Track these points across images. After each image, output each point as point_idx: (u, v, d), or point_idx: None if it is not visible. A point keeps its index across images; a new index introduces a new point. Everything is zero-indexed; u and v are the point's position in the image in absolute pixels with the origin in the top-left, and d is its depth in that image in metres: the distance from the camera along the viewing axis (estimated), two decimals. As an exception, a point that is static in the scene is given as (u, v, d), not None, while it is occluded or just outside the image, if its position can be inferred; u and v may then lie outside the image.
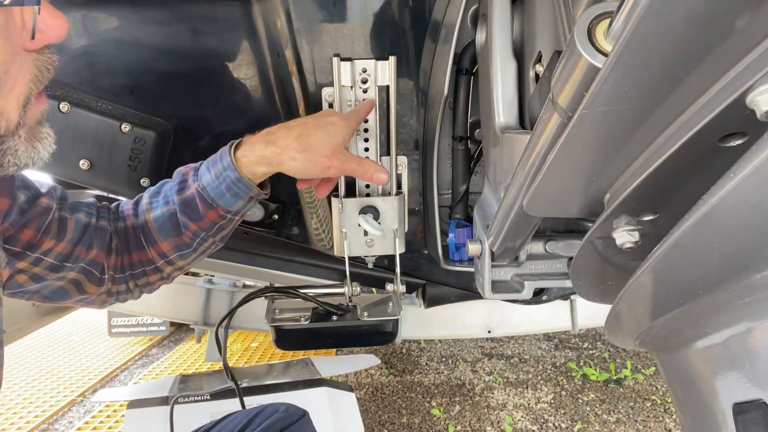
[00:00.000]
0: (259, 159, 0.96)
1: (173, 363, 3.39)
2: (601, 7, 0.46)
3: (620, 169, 0.56)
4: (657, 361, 0.69)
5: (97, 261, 1.00)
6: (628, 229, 0.55)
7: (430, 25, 1.15)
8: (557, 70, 0.51)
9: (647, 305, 0.60)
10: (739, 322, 0.51)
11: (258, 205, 1.38)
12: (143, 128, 1.20)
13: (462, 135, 1.21)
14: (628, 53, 0.40)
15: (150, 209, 1.03)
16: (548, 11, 0.82)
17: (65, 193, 1.01)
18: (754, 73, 0.37)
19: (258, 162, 0.97)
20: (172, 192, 1.01)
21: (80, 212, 1.00)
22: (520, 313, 2.38)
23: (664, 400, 2.87)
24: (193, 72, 1.20)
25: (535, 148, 0.64)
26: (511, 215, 0.83)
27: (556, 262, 1.12)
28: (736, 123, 0.41)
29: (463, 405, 2.88)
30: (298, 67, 1.19)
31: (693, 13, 0.36)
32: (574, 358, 3.28)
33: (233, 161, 0.96)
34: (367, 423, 2.70)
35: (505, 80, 0.91)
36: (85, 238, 0.98)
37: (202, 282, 2.53)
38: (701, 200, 0.43)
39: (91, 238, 0.99)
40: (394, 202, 1.24)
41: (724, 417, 0.53)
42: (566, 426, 2.71)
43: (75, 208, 1.00)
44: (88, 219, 1.00)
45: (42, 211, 0.92)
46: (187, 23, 1.15)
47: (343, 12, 1.14)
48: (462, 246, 1.28)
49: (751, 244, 0.45)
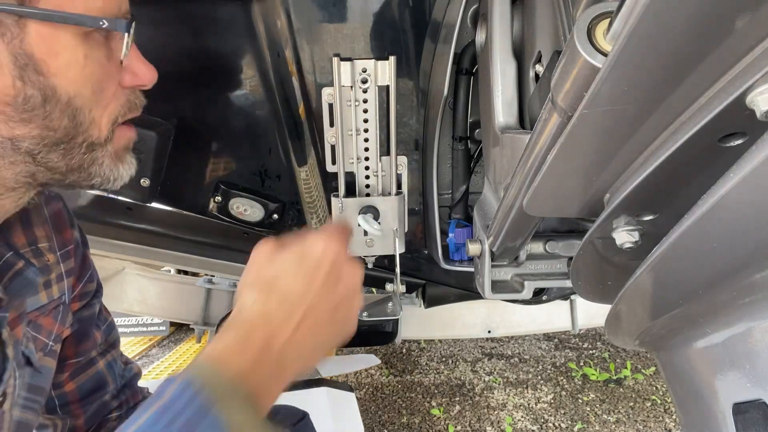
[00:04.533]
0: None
1: (173, 363, 3.39)
2: (600, 7, 0.46)
3: (620, 169, 0.56)
4: (657, 361, 0.69)
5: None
6: (628, 229, 0.55)
7: (430, 25, 1.15)
8: (557, 70, 0.51)
9: (647, 305, 0.60)
10: (739, 322, 0.51)
11: (258, 205, 1.39)
12: (143, 128, 1.20)
13: (462, 135, 1.21)
14: (627, 53, 0.40)
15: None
16: (548, 11, 0.82)
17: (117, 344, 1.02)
18: (754, 73, 0.37)
19: None
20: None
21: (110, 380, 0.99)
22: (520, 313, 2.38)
23: (664, 400, 2.87)
24: (193, 72, 1.20)
25: (535, 148, 0.64)
26: (511, 215, 0.83)
27: (556, 262, 1.12)
28: (736, 123, 0.41)
29: (463, 405, 2.88)
30: (298, 67, 1.19)
31: (693, 13, 0.36)
32: (574, 358, 3.28)
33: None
34: (367, 423, 2.70)
35: (505, 80, 0.91)
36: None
37: (202, 282, 2.54)
38: (701, 200, 0.43)
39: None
40: (394, 202, 1.24)
41: (723, 417, 0.53)
42: (566, 426, 2.71)
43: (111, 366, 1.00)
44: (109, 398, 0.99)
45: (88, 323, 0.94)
46: (187, 23, 1.15)
47: (343, 12, 1.14)
48: (462, 246, 1.28)
49: (751, 243, 0.45)
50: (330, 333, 0.68)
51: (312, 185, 1.39)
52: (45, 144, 0.65)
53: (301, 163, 1.36)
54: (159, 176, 1.26)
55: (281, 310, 0.63)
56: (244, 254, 0.76)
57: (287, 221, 1.45)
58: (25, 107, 0.62)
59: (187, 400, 0.52)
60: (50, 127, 0.64)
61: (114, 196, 1.34)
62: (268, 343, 0.61)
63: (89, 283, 0.94)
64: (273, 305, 0.63)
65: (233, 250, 1.74)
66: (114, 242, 1.81)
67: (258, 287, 0.65)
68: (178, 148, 1.28)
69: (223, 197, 1.38)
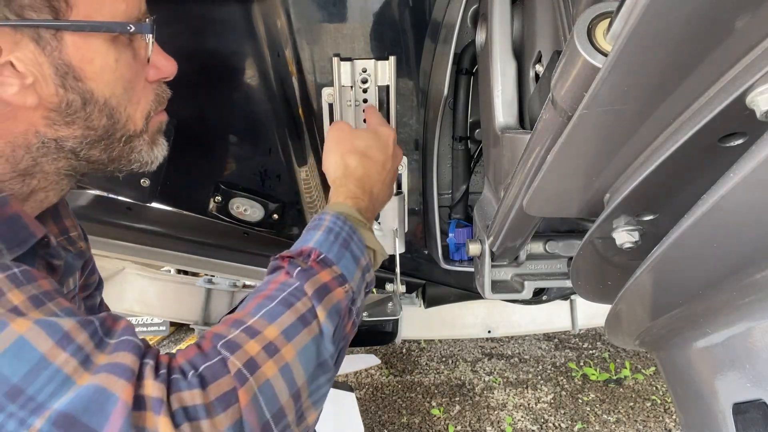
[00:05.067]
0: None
1: (173, 363, 3.39)
2: (600, 7, 0.46)
3: (620, 169, 0.56)
4: (657, 361, 0.69)
5: None
6: (627, 229, 0.55)
7: (430, 25, 1.15)
8: (557, 70, 0.51)
9: (647, 305, 0.60)
10: (739, 322, 0.51)
11: (258, 205, 1.39)
12: (143, 128, 1.20)
13: (462, 135, 1.21)
14: (627, 53, 0.40)
15: None
16: (548, 11, 0.82)
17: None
18: (754, 73, 0.37)
19: None
20: None
21: None
22: (520, 313, 2.38)
23: (664, 400, 2.87)
24: (193, 72, 1.20)
25: (535, 148, 0.64)
26: (511, 215, 0.83)
27: (556, 262, 1.12)
28: (736, 123, 0.42)
29: (463, 405, 2.88)
30: (297, 67, 1.19)
31: (693, 14, 0.36)
32: (574, 358, 3.28)
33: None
34: (367, 423, 2.70)
35: (505, 80, 0.91)
36: None
37: (202, 282, 2.53)
38: (701, 200, 0.43)
39: None
40: (394, 202, 1.24)
41: (723, 417, 0.53)
42: (566, 426, 2.71)
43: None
44: None
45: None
46: (187, 23, 1.15)
47: (343, 12, 1.14)
48: (462, 246, 1.29)
49: (751, 243, 0.45)
50: (390, 187, 1.01)
51: (312, 185, 1.39)
52: (87, 142, 0.72)
53: (301, 163, 1.36)
54: (159, 176, 1.26)
55: (374, 170, 0.95)
56: (244, 254, 0.77)
57: (287, 221, 1.45)
58: (68, 111, 0.68)
59: (341, 225, 0.81)
60: (91, 127, 0.71)
61: (114, 196, 1.34)
62: (371, 192, 0.93)
63: (91, 275, 0.96)
64: (370, 168, 0.94)
65: (233, 250, 1.74)
66: (114, 242, 1.81)
67: (357, 155, 0.94)
68: (178, 148, 1.28)
69: (223, 197, 1.38)
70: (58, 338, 0.54)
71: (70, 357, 0.54)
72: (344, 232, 0.81)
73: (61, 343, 0.54)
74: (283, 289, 0.70)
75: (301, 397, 0.66)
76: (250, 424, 0.59)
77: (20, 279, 0.57)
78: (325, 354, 0.69)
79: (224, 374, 0.60)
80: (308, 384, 0.67)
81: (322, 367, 0.69)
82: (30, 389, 0.52)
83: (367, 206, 0.91)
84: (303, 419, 0.68)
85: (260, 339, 0.64)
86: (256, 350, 0.63)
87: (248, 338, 0.64)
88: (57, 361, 0.53)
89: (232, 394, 0.59)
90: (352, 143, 0.96)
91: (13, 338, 0.53)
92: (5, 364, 0.52)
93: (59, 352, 0.54)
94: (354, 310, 0.79)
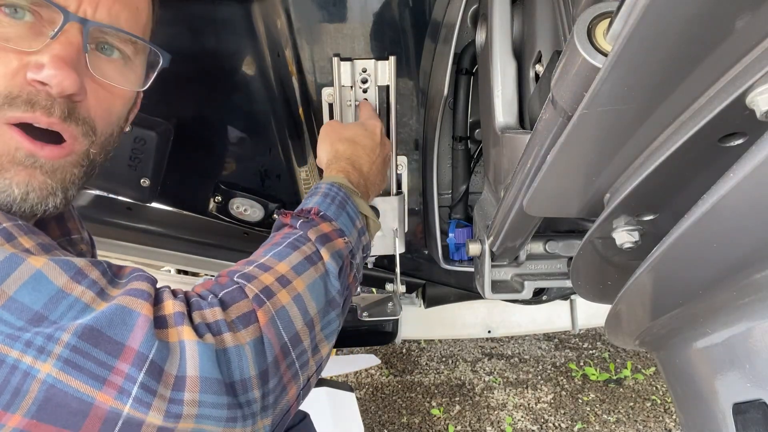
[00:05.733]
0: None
1: (173, 363, 3.39)
2: (601, 7, 0.46)
3: (620, 169, 0.56)
4: (657, 361, 0.69)
5: None
6: (628, 229, 0.55)
7: (430, 25, 1.15)
8: (557, 70, 0.51)
9: (647, 305, 0.60)
10: (739, 322, 0.51)
11: (258, 205, 1.39)
12: (143, 128, 1.20)
13: (462, 135, 1.21)
14: (627, 53, 0.40)
15: None
16: (548, 11, 0.82)
17: None
18: (754, 73, 0.37)
19: None
20: None
21: None
22: (520, 313, 2.38)
23: (664, 400, 2.87)
24: (193, 72, 1.20)
25: (534, 148, 0.64)
26: (511, 215, 0.83)
27: (556, 262, 1.12)
28: (736, 123, 0.42)
29: (463, 405, 2.88)
30: (298, 67, 1.19)
31: (693, 14, 0.36)
32: (574, 358, 3.28)
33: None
34: (367, 423, 2.70)
35: (505, 80, 0.91)
36: None
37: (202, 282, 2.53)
38: (701, 200, 0.43)
39: None
40: (394, 202, 1.24)
41: (723, 417, 0.53)
42: (566, 426, 2.71)
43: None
44: None
45: None
46: (187, 23, 1.14)
47: (343, 12, 1.14)
48: (462, 246, 1.29)
49: (751, 243, 0.45)
50: (382, 175, 1.07)
51: (312, 185, 1.39)
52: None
53: (301, 163, 1.36)
54: (159, 176, 1.26)
55: (363, 152, 1.02)
56: (244, 254, 0.78)
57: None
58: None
59: (336, 191, 0.88)
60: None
61: (114, 196, 1.34)
62: (361, 170, 0.99)
63: None
64: (359, 150, 1.02)
65: (233, 250, 1.74)
66: (114, 242, 1.81)
67: (346, 142, 1.02)
68: (178, 148, 1.28)
69: (223, 197, 1.38)
70: (73, 273, 0.57)
71: (86, 289, 0.57)
72: (339, 197, 0.88)
73: (76, 278, 0.57)
74: (288, 237, 0.77)
75: (314, 327, 0.71)
76: (270, 341, 0.64)
77: (27, 229, 0.61)
78: (333, 291, 0.75)
79: (243, 298, 0.65)
80: (320, 317, 0.72)
81: (331, 303, 0.75)
82: (52, 315, 0.54)
83: (358, 180, 0.97)
84: (317, 350, 0.72)
85: (273, 272, 0.70)
86: (270, 280, 0.68)
87: (262, 271, 0.69)
88: (74, 292, 0.56)
89: (252, 315, 0.64)
90: (341, 133, 1.05)
91: (31, 272, 0.55)
92: (25, 294, 0.54)
93: (75, 286, 0.56)
94: (354, 264, 0.84)
